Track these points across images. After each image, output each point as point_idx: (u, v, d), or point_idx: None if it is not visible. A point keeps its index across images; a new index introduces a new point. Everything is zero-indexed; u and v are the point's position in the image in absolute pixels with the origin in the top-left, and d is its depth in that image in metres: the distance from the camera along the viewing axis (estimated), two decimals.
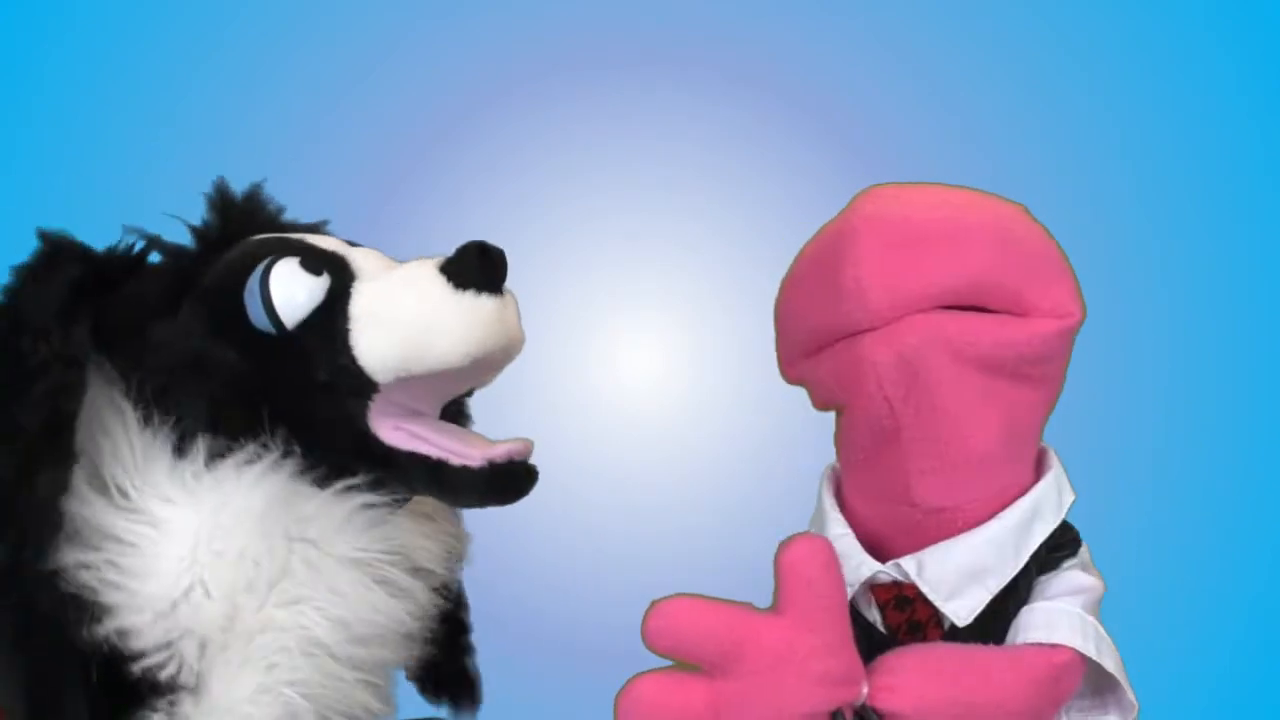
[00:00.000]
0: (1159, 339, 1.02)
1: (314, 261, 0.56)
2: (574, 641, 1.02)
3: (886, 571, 0.52)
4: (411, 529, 0.58)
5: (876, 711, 0.49)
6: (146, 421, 0.55)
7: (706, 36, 1.08)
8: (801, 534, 0.50)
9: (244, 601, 0.53)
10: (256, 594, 0.53)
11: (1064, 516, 0.52)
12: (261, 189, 0.63)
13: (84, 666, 0.52)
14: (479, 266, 0.55)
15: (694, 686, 0.48)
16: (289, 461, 0.55)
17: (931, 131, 1.06)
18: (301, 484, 0.55)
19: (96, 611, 0.51)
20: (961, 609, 0.51)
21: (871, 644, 0.53)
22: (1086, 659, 0.51)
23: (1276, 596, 0.98)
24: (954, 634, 0.51)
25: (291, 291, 0.55)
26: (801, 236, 0.55)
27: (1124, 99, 1.06)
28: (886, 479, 0.51)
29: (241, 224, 0.61)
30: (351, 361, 0.54)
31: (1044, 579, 0.52)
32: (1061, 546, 0.52)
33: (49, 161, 1.02)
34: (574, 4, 1.08)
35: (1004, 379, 0.48)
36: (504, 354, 0.56)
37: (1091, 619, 0.52)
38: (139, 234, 0.58)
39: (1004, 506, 0.51)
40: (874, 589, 0.53)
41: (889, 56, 1.07)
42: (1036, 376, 0.49)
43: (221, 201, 0.61)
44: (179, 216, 0.60)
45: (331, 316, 0.55)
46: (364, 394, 0.55)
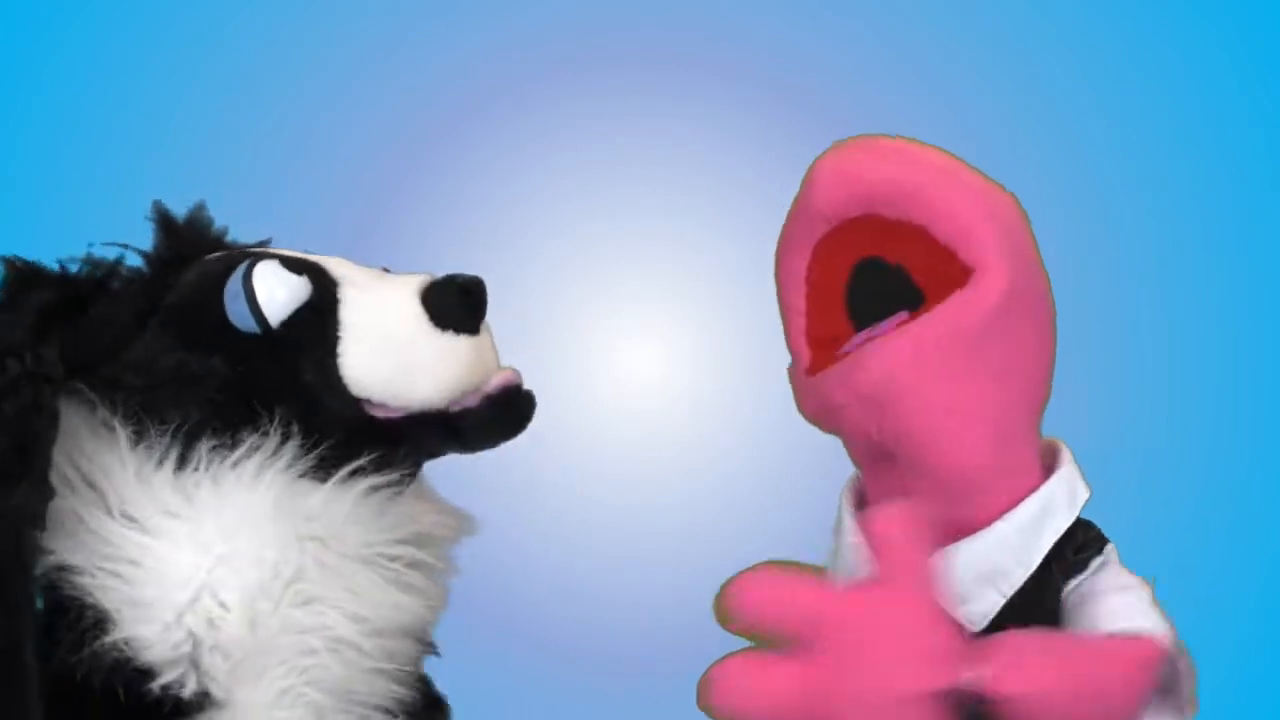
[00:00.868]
0: (1158, 339, 1.02)
1: (293, 262, 0.57)
2: (574, 641, 1.02)
3: None
4: (416, 509, 0.58)
5: (987, 696, 0.44)
6: (139, 438, 0.54)
7: (706, 36, 1.08)
8: (890, 504, 0.47)
9: (260, 606, 0.53)
10: (270, 597, 0.53)
11: (1079, 513, 0.51)
12: (203, 210, 0.64)
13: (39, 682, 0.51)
14: (459, 305, 0.55)
15: (784, 666, 0.44)
16: (287, 454, 0.54)
17: (932, 131, 1.06)
18: (303, 477, 0.55)
19: (104, 629, 0.51)
20: (974, 613, 0.50)
21: None
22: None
23: (1276, 597, 0.98)
24: (972, 638, 0.50)
25: (274, 289, 0.56)
26: None
27: (1124, 99, 1.06)
28: (890, 495, 0.51)
29: (190, 244, 0.61)
30: (335, 369, 0.55)
31: (1082, 581, 0.51)
32: (1086, 546, 0.51)
33: (48, 160, 1.02)
34: (574, 4, 1.08)
35: (974, 383, 0.48)
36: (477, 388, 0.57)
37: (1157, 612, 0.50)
38: (95, 263, 0.58)
39: (1013, 507, 0.50)
40: None
41: (890, 56, 1.07)
42: (999, 368, 0.48)
43: (166, 224, 0.62)
44: (125, 244, 0.60)
45: (321, 317, 0.56)
46: (344, 396, 0.55)
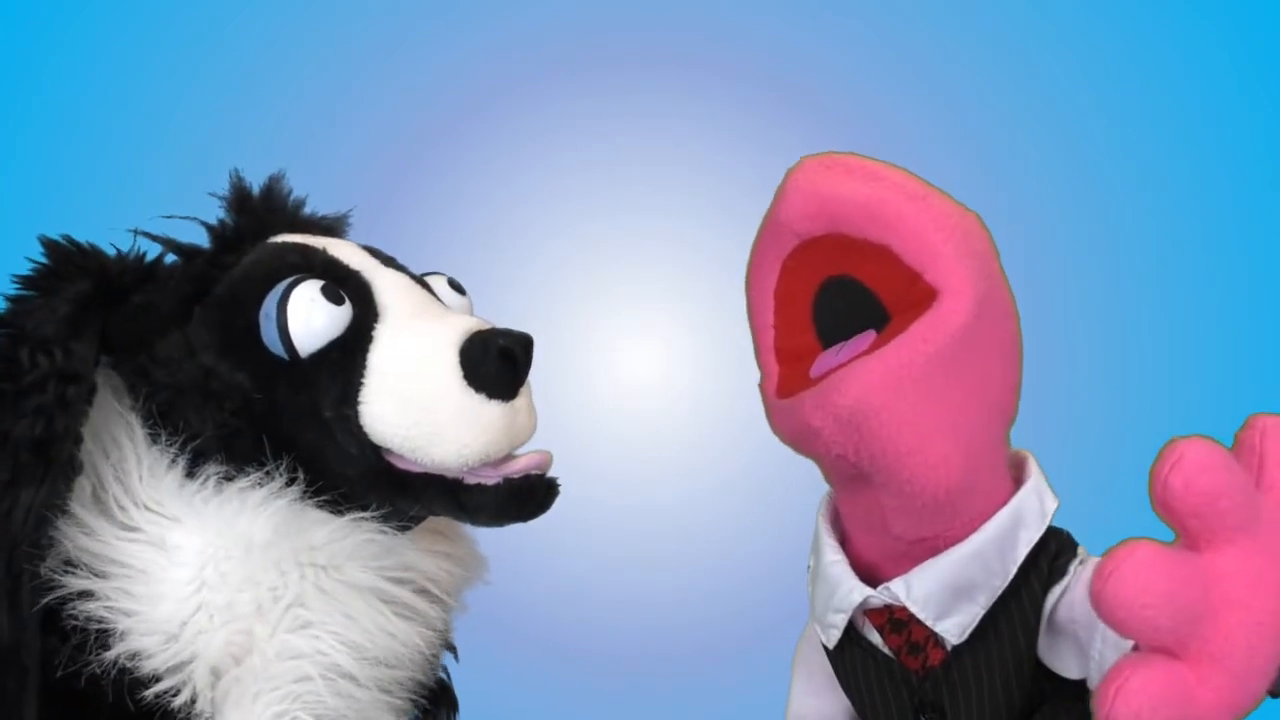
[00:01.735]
0: (1158, 339, 1.02)
1: (336, 289, 0.54)
2: (574, 641, 1.02)
3: (877, 596, 0.52)
4: (423, 550, 0.57)
5: None
6: (154, 438, 0.53)
7: (706, 37, 1.08)
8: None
9: (255, 628, 0.51)
10: (267, 620, 0.52)
11: (1049, 523, 0.51)
12: (280, 182, 0.61)
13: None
14: (497, 369, 0.52)
15: (1194, 563, 0.42)
16: (297, 488, 0.53)
17: (933, 131, 1.06)
18: (310, 510, 0.53)
19: (104, 639, 0.50)
20: (953, 627, 0.50)
21: (876, 666, 0.53)
22: None
23: None
24: (955, 653, 0.51)
25: (310, 318, 0.53)
26: None
27: (1124, 99, 1.06)
28: (866, 514, 0.52)
29: (260, 222, 0.58)
30: (355, 416, 0.53)
31: (1065, 588, 0.50)
32: (1061, 552, 0.51)
33: (46, 160, 1.02)
34: (574, 4, 1.08)
35: (947, 402, 0.48)
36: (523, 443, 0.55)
37: None
38: (151, 237, 0.56)
39: (986, 520, 0.50)
40: (868, 614, 0.53)
41: (890, 56, 1.07)
42: (969, 386, 0.48)
43: (238, 198, 0.59)
44: (195, 218, 0.57)
45: (350, 358, 0.53)
46: (362, 442, 0.53)
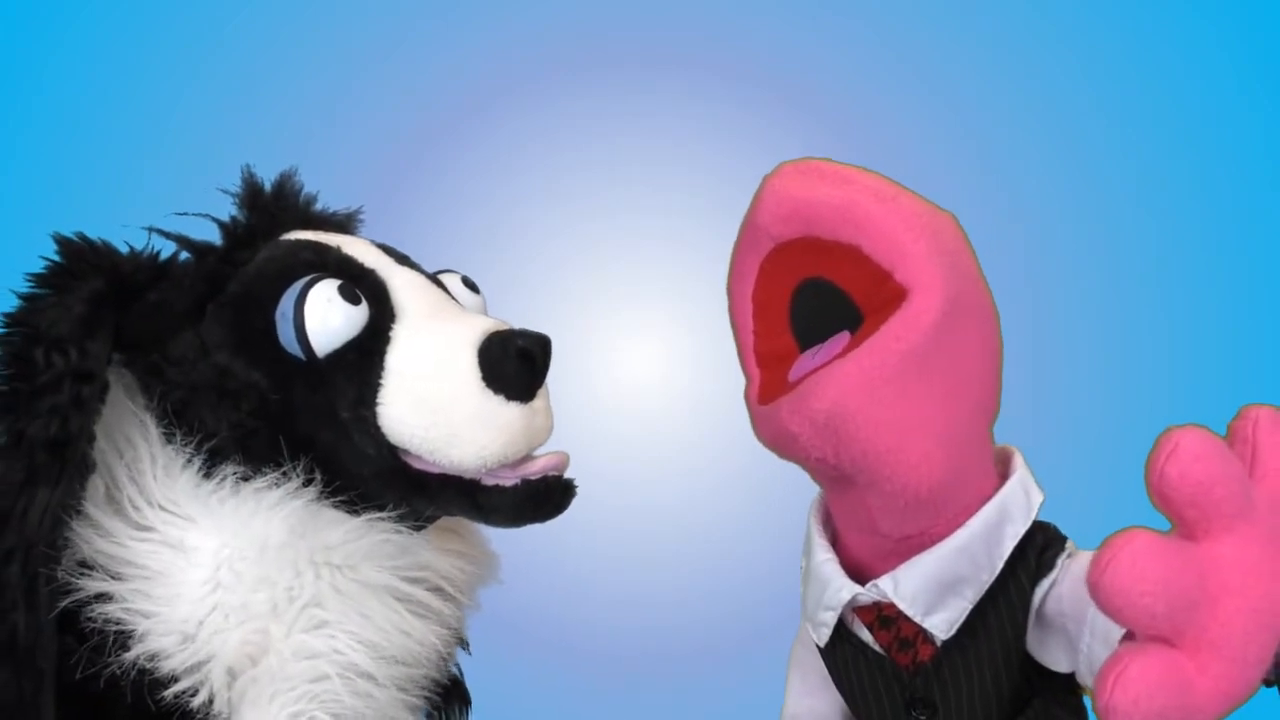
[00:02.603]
0: (1157, 337, 1.02)
1: (353, 288, 0.53)
2: (573, 641, 1.02)
3: (866, 593, 0.52)
4: (438, 549, 0.57)
5: None
6: (168, 438, 0.53)
7: (706, 36, 1.08)
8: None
9: (271, 628, 0.51)
10: (283, 620, 0.51)
11: (1035, 516, 0.51)
12: (292, 178, 0.60)
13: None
14: (516, 370, 0.52)
15: (1189, 552, 0.41)
16: (313, 488, 0.53)
17: (933, 131, 1.06)
18: (326, 510, 0.53)
19: (122, 640, 0.50)
20: (941, 622, 0.50)
21: (868, 663, 0.54)
22: None
23: None
24: (945, 648, 0.51)
25: (326, 318, 0.52)
26: None
27: (1124, 99, 1.06)
28: (852, 514, 0.52)
29: (272, 218, 0.58)
30: (373, 418, 0.52)
31: (1053, 581, 0.50)
32: (1049, 546, 0.51)
33: (46, 160, 1.02)
34: (574, 4, 1.08)
35: (924, 400, 0.47)
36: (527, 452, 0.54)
37: None
38: (163, 234, 0.55)
39: (972, 515, 0.50)
40: (857, 611, 0.53)
41: (890, 56, 1.07)
42: (946, 383, 0.48)
43: (250, 194, 0.58)
44: (208, 214, 0.57)
45: (368, 359, 0.53)
46: (380, 443, 0.53)
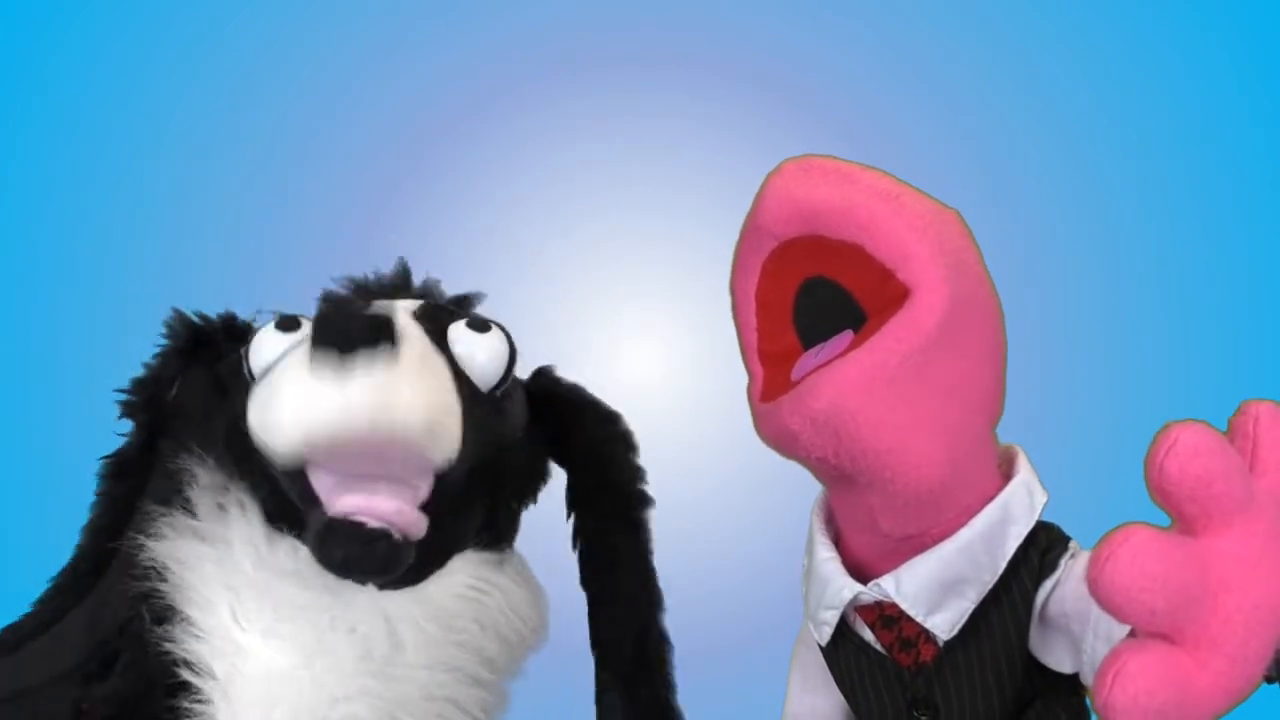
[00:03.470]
0: (1157, 337, 1.02)
1: (294, 318, 0.53)
2: (573, 641, 1.02)
3: (868, 592, 0.52)
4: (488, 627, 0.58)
5: None
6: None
7: (706, 36, 1.08)
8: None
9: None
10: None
11: (1038, 517, 0.51)
12: (405, 267, 0.61)
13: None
14: (314, 343, 0.48)
15: (1189, 547, 0.40)
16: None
17: (933, 131, 1.06)
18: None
19: (164, 621, 0.53)
20: (943, 622, 0.50)
21: (869, 662, 0.54)
22: None
23: None
24: (947, 648, 0.51)
25: (260, 347, 0.53)
26: None
27: (1124, 99, 1.06)
28: (854, 513, 0.52)
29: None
30: (245, 424, 0.51)
31: (1056, 582, 0.50)
32: (1052, 546, 0.51)
33: (47, 160, 1.02)
34: (574, 4, 1.09)
35: (924, 400, 0.47)
36: (367, 438, 0.48)
37: None
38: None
39: (974, 515, 0.50)
40: (859, 610, 0.53)
41: (890, 56, 1.07)
42: (948, 383, 0.48)
43: (358, 286, 0.60)
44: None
45: (265, 374, 0.52)
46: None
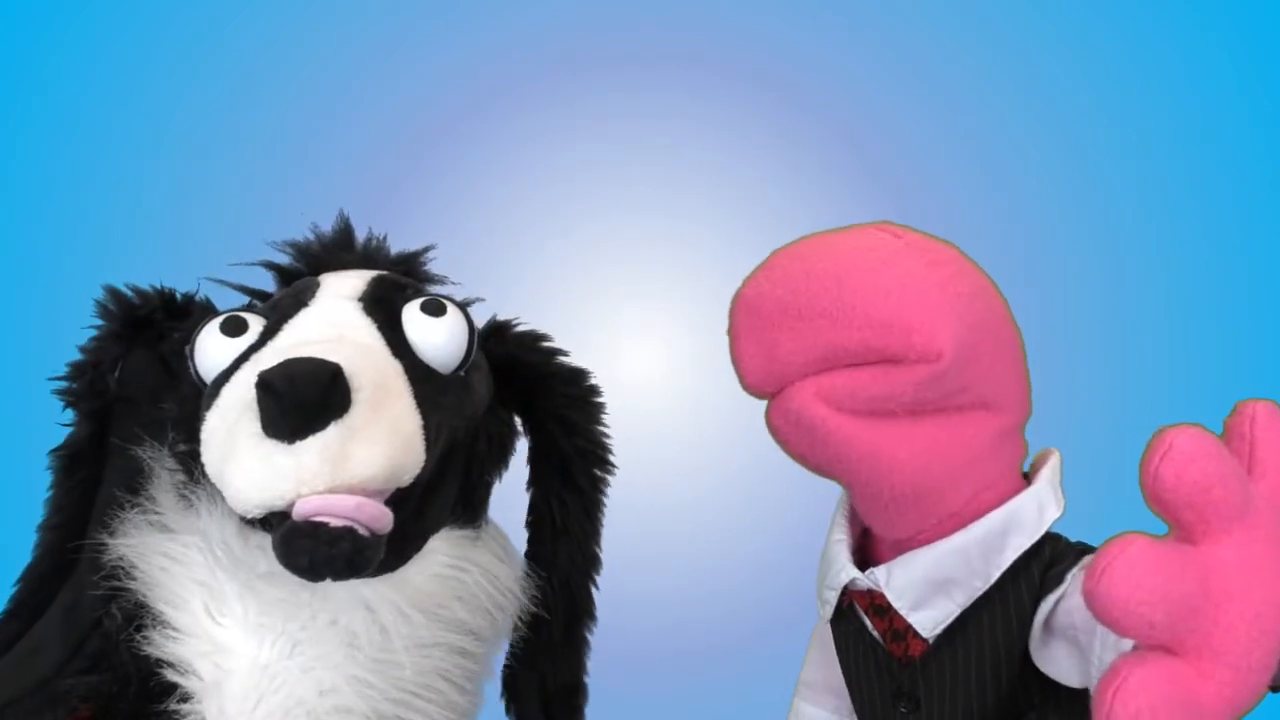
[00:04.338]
0: (1158, 337, 1.02)
1: (239, 320, 0.52)
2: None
3: (863, 579, 0.52)
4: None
5: None
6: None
7: (706, 36, 1.08)
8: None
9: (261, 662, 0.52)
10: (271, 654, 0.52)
11: (1045, 530, 0.50)
12: (347, 224, 0.62)
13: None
14: (262, 406, 0.46)
15: (1189, 556, 0.39)
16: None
17: (933, 131, 1.06)
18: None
19: (142, 624, 0.53)
20: (926, 620, 0.50)
21: (865, 646, 0.54)
22: None
23: None
24: (935, 647, 0.51)
25: (205, 351, 0.52)
26: (802, 235, 0.55)
27: (1124, 99, 1.06)
28: (856, 510, 0.53)
29: (319, 263, 0.60)
30: (200, 425, 0.51)
31: (1062, 595, 0.48)
32: (1057, 560, 0.50)
33: (46, 160, 1.02)
34: (574, 4, 1.09)
35: (902, 420, 0.47)
36: (327, 496, 0.47)
37: None
38: (221, 283, 0.59)
39: (976, 519, 0.50)
40: (854, 594, 0.53)
41: (890, 56, 1.07)
42: (939, 407, 0.48)
43: (300, 244, 0.61)
44: (266, 262, 0.60)
45: (214, 391, 0.51)
46: None
